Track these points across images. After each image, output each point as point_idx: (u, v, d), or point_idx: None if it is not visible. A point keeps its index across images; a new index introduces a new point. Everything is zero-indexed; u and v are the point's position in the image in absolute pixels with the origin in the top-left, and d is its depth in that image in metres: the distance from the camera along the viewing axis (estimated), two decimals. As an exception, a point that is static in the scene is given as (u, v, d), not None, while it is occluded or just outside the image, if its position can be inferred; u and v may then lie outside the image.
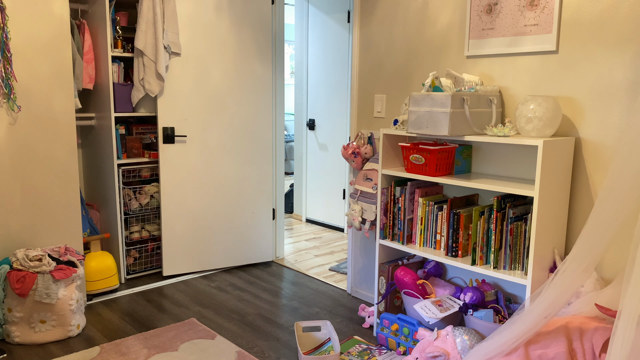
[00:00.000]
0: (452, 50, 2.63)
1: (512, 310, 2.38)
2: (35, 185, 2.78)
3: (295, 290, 3.38)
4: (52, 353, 2.50)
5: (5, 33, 2.57)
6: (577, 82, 2.21)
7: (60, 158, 2.85)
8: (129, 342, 2.60)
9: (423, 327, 2.39)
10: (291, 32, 7.82)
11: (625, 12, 2.05)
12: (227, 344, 2.60)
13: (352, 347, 2.59)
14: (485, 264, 2.27)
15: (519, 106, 2.16)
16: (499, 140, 2.14)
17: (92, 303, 3.08)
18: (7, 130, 2.66)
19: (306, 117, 5.15)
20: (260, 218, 3.82)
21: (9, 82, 2.61)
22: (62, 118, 2.83)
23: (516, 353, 1.74)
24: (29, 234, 2.79)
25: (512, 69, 2.41)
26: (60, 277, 2.55)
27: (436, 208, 2.46)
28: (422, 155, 2.40)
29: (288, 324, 2.88)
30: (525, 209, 2.26)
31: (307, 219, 5.30)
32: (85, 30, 3.20)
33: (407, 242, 2.58)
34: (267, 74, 3.69)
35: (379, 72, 3.01)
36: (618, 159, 1.59)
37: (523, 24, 2.33)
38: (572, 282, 1.70)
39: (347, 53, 4.61)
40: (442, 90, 2.31)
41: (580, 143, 2.23)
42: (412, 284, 2.48)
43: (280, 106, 3.88)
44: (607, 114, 2.14)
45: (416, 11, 2.76)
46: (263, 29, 3.62)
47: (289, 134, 7.96)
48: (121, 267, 3.39)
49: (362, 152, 2.93)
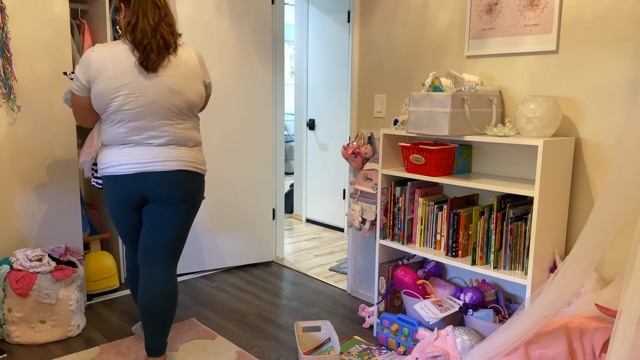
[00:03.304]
0: (452, 50, 2.63)
1: (512, 310, 2.38)
2: (35, 185, 2.78)
3: (295, 290, 3.38)
4: (52, 353, 2.50)
5: (5, 33, 2.57)
6: (577, 82, 2.21)
7: (60, 158, 2.85)
8: (129, 342, 2.60)
9: (423, 327, 2.39)
10: (291, 32, 7.81)
11: (625, 12, 2.05)
12: (227, 344, 2.60)
13: (352, 347, 2.59)
14: (485, 264, 2.27)
15: (519, 106, 2.16)
16: (499, 140, 2.14)
17: (92, 303, 3.08)
18: (7, 130, 2.66)
19: (306, 117, 5.15)
20: (260, 218, 3.82)
21: (8, 82, 2.61)
22: (62, 118, 2.83)
23: (516, 353, 1.74)
24: (29, 234, 2.79)
25: (512, 69, 2.41)
26: (60, 277, 2.55)
27: (436, 208, 2.46)
28: (422, 155, 2.40)
29: (288, 324, 2.88)
30: (525, 209, 2.26)
31: (307, 219, 5.30)
32: (85, 30, 3.20)
33: (407, 242, 2.58)
34: (267, 74, 3.69)
35: (379, 72, 3.01)
36: (618, 159, 1.59)
37: (523, 24, 2.33)
38: (572, 282, 1.70)
39: (347, 53, 4.62)
40: (442, 90, 2.31)
41: (580, 143, 2.23)
42: (412, 284, 2.48)
43: (280, 106, 3.88)
44: (607, 114, 2.14)
45: (416, 11, 2.76)
46: (263, 29, 3.63)
47: (289, 134, 7.96)
48: (121, 267, 3.39)
49: (362, 152, 2.93)
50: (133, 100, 2.09)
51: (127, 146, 2.17)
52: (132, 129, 2.14)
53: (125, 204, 2.24)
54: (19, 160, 2.72)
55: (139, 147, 2.16)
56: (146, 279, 2.24)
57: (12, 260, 2.57)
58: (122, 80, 2.07)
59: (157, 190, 2.18)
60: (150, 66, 2.09)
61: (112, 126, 2.15)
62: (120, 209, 2.26)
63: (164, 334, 2.28)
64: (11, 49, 2.61)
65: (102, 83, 2.07)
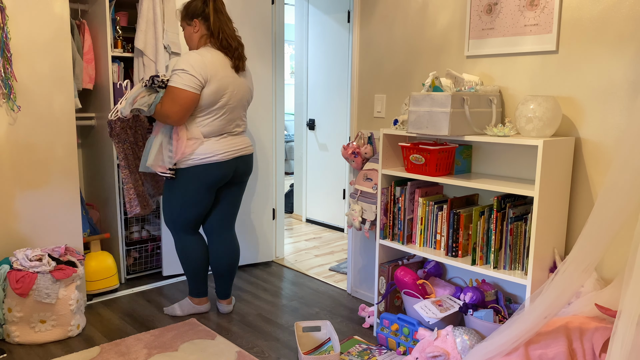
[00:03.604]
0: (452, 50, 2.63)
1: (512, 310, 2.38)
2: (35, 185, 2.78)
3: (295, 290, 3.38)
4: (52, 353, 2.50)
5: (5, 33, 2.57)
6: (577, 82, 2.21)
7: (60, 158, 2.85)
8: (129, 342, 2.60)
9: (423, 327, 2.39)
10: (291, 32, 7.81)
11: (625, 12, 2.05)
12: (227, 344, 2.60)
13: (352, 347, 2.60)
14: (485, 264, 2.27)
15: (519, 106, 2.16)
16: (499, 140, 2.14)
17: (92, 303, 3.08)
18: (7, 130, 2.66)
19: (306, 117, 5.15)
20: (260, 218, 3.82)
21: (8, 82, 2.61)
22: (62, 118, 2.83)
23: (516, 353, 1.74)
24: (29, 234, 2.79)
25: (512, 69, 2.41)
26: (60, 277, 2.55)
27: (436, 208, 2.46)
28: (422, 155, 2.40)
29: (288, 324, 2.88)
30: (525, 209, 2.26)
31: (307, 219, 5.30)
32: (85, 30, 3.20)
33: (407, 242, 2.58)
34: (267, 74, 3.69)
35: (379, 72, 3.01)
36: (618, 159, 1.59)
37: (523, 24, 2.33)
38: (572, 282, 1.70)
39: (347, 53, 4.62)
40: (442, 90, 2.31)
41: (580, 143, 2.23)
42: (412, 284, 2.48)
43: (280, 106, 3.88)
44: (607, 114, 2.14)
45: (416, 11, 2.76)
46: (263, 29, 3.63)
47: (289, 134, 7.96)
48: (121, 267, 3.39)
49: (362, 152, 2.93)
50: (233, 97, 2.64)
51: (222, 137, 2.67)
52: (228, 121, 2.67)
53: (215, 186, 2.73)
54: (19, 160, 2.72)
55: (230, 137, 2.71)
56: (225, 240, 2.90)
57: (12, 260, 2.57)
58: (228, 81, 2.60)
59: (244, 170, 2.82)
60: (239, 69, 2.68)
61: (215, 120, 2.62)
62: (209, 192, 2.73)
63: (233, 280, 3.01)
64: (11, 49, 2.61)
65: (216, 82, 2.55)
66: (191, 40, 2.68)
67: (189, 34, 2.68)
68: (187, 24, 2.66)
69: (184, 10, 2.67)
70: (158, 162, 2.63)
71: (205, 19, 2.62)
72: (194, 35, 2.66)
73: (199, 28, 2.64)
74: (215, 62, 2.57)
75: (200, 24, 2.64)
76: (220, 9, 2.65)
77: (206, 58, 2.54)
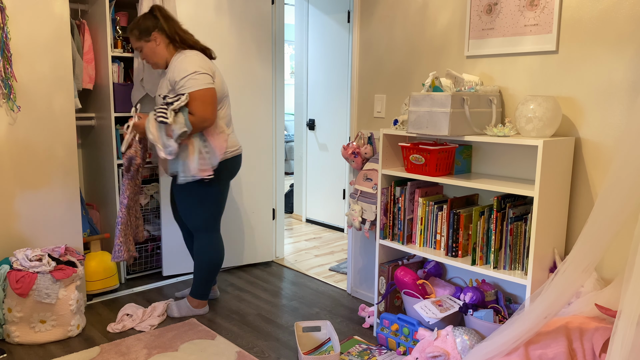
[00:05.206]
0: (452, 50, 2.63)
1: (512, 310, 2.38)
2: (35, 185, 2.78)
3: (295, 290, 3.38)
4: (52, 353, 2.50)
5: (5, 33, 2.57)
6: (577, 82, 2.21)
7: (60, 158, 2.85)
8: (129, 342, 2.60)
9: (423, 327, 2.39)
10: (291, 32, 7.81)
11: (625, 12, 2.05)
12: (227, 344, 2.60)
13: (352, 347, 2.60)
14: (485, 264, 2.27)
15: (519, 106, 2.16)
16: (499, 140, 2.14)
17: (92, 303, 3.08)
18: (7, 130, 2.66)
19: (306, 117, 5.15)
20: (260, 218, 3.82)
21: (8, 82, 2.61)
22: (62, 118, 2.83)
23: (516, 353, 1.74)
24: (29, 234, 2.79)
25: (512, 69, 2.41)
26: (60, 277, 2.55)
27: (436, 208, 2.46)
28: (422, 155, 2.40)
29: (288, 324, 2.88)
30: (525, 209, 2.26)
31: (307, 219, 5.30)
32: (85, 30, 3.20)
33: (407, 242, 2.58)
34: (267, 74, 3.69)
35: (379, 72, 3.01)
36: (618, 159, 1.59)
37: (523, 24, 2.33)
38: (572, 282, 1.70)
39: (347, 53, 4.62)
40: (442, 90, 2.31)
41: (580, 143, 2.23)
42: (412, 284, 2.48)
43: (280, 106, 3.88)
44: (607, 114, 2.14)
45: (416, 11, 2.76)
46: (263, 29, 3.63)
47: (289, 134, 7.96)
48: (121, 267, 3.39)
49: (362, 152, 2.93)
50: (226, 86, 2.78)
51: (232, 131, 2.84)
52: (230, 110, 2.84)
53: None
54: (19, 160, 2.72)
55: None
56: (218, 241, 2.92)
57: (12, 260, 2.57)
58: (219, 72, 2.74)
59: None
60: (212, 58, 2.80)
61: (226, 109, 2.76)
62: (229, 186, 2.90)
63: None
64: (11, 49, 2.61)
65: (218, 75, 2.71)
66: (156, 54, 2.70)
67: (151, 50, 2.69)
68: (146, 41, 2.68)
69: (136, 32, 2.68)
70: (203, 167, 2.64)
71: (161, 29, 2.67)
72: (157, 48, 2.69)
73: (160, 40, 2.68)
74: (208, 59, 2.69)
75: (160, 35, 2.67)
76: (167, 15, 2.71)
77: (200, 56, 2.64)
